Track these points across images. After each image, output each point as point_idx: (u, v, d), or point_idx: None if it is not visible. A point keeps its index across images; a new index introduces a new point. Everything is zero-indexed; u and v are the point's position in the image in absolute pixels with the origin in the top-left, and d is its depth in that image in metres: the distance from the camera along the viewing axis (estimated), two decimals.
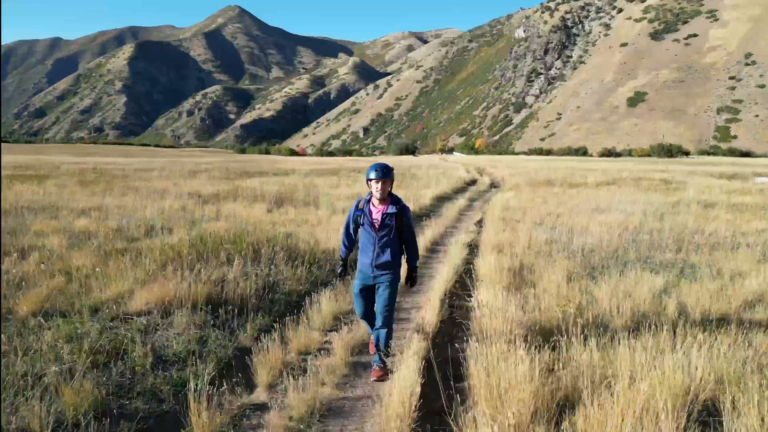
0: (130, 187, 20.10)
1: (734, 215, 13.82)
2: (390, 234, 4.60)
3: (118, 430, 3.48)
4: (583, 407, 3.18)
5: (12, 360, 3.97)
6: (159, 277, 6.28)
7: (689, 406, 3.17)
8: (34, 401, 3.43)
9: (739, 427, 2.94)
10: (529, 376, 3.39)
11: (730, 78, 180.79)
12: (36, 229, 9.85)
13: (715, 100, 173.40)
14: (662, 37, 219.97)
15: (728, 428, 2.95)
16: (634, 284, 6.28)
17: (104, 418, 3.50)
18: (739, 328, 4.73)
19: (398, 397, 3.53)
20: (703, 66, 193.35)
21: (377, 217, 4.60)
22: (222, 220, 11.42)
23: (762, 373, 3.62)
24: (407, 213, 4.71)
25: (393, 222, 4.59)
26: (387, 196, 4.62)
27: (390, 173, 4.56)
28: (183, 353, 4.63)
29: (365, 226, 4.64)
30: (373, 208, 4.65)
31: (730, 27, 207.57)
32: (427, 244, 10.23)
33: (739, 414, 3.06)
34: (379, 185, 4.52)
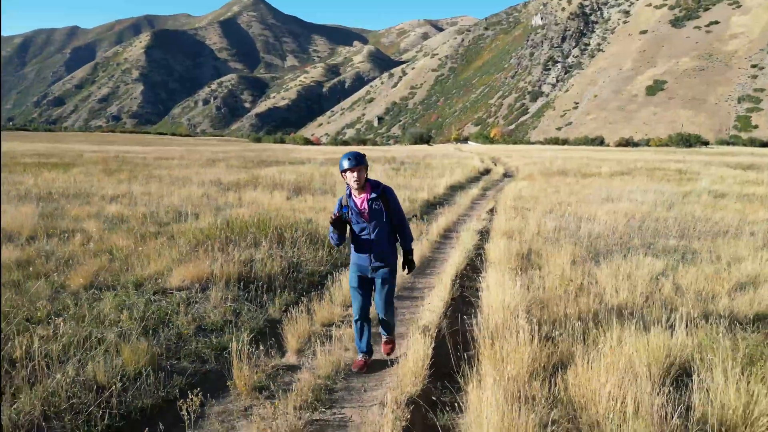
0: (153, 176, 20.76)
1: (743, 205, 14.07)
2: (382, 219, 4.51)
3: (172, 382, 4.04)
4: (574, 366, 3.65)
5: (72, 325, 4.53)
6: (193, 257, 6.84)
7: (667, 367, 3.63)
8: (98, 358, 3.99)
9: (706, 380, 3.39)
10: (528, 340, 3.86)
11: (752, 66, 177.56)
12: (73, 214, 10.47)
13: (736, 88, 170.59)
14: (683, 24, 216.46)
15: (697, 380, 3.41)
16: (635, 268, 6.70)
17: (159, 373, 4.06)
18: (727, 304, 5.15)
19: (413, 358, 4.04)
20: (724, 54, 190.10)
21: (363, 206, 4.50)
22: (245, 207, 11.98)
23: (734, 337, 4.06)
24: (391, 193, 4.60)
25: (380, 206, 4.50)
26: (365, 183, 4.50)
27: (363, 160, 4.46)
28: (220, 323, 5.19)
29: (355, 219, 4.52)
30: (356, 199, 4.53)
31: (753, 14, 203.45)
32: (440, 230, 10.71)
33: (709, 370, 3.51)
34: (355, 174, 4.40)
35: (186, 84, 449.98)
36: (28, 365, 3.78)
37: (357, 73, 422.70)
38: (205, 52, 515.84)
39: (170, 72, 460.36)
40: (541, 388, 3.36)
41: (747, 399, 3.18)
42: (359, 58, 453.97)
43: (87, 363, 3.94)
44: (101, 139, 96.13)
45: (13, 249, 7.11)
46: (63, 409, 3.44)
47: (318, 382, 4.08)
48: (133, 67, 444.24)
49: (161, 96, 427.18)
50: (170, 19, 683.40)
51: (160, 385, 3.95)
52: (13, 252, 6.94)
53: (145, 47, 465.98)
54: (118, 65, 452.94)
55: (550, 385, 3.50)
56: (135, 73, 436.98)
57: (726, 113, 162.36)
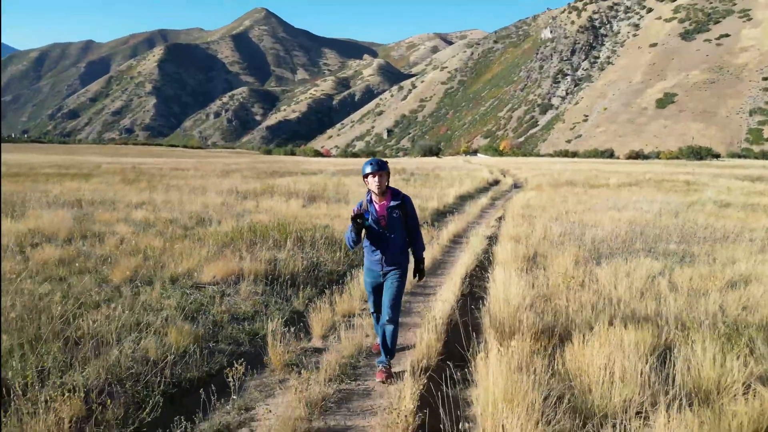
0: (171, 185, 21.42)
1: (746, 214, 14.44)
2: (398, 227, 4.59)
3: (213, 359, 4.56)
4: (571, 345, 4.12)
5: (121, 312, 5.06)
6: (221, 257, 7.37)
7: (654, 345, 4.08)
8: (150, 338, 4.51)
9: (687, 354, 3.84)
10: (530, 324, 4.34)
11: (763, 79, 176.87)
12: (102, 219, 11.06)
13: (748, 101, 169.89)
14: (693, 37, 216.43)
15: (679, 354, 3.86)
16: (634, 268, 7.14)
17: (203, 351, 4.58)
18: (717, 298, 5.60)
19: (428, 339, 4.54)
20: (735, 66, 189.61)
21: (383, 212, 4.56)
22: (263, 214, 12.53)
23: (714, 318, 4.50)
24: (410, 202, 4.72)
25: (399, 214, 4.58)
26: (386, 189, 4.60)
27: (385, 166, 4.57)
28: (250, 312, 5.71)
29: (372, 225, 4.57)
30: (376, 205, 4.60)
31: (764, 27, 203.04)
32: (450, 236, 11.19)
33: (690, 347, 3.95)
34: (377, 179, 4.50)
35: (198, 97, 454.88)
36: (90, 342, 4.31)
37: (367, 86, 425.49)
38: (217, 65, 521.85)
39: (183, 85, 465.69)
40: (541, 361, 3.83)
41: (721, 371, 3.64)
42: (369, 72, 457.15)
43: (140, 341, 4.46)
44: (114, 151, 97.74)
45: (54, 249, 7.67)
46: (124, 377, 3.95)
47: (343, 360, 4.58)
48: (146, 81, 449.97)
49: (173, 109, 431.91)
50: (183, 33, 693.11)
51: (203, 361, 4.48)
52: (56, 251, 7.51)
53: (159, 61, 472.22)
54: (131, 79, 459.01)
55: (549, 360, 3.97)
56: (148, 87, 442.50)
57: (737, 126, 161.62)
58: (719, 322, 4.69)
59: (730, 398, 3.37)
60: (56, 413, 3.24)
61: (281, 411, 3.63)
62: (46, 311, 4.82)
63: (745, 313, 5.23)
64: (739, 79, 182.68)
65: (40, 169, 32.08)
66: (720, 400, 3.35)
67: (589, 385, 3.59)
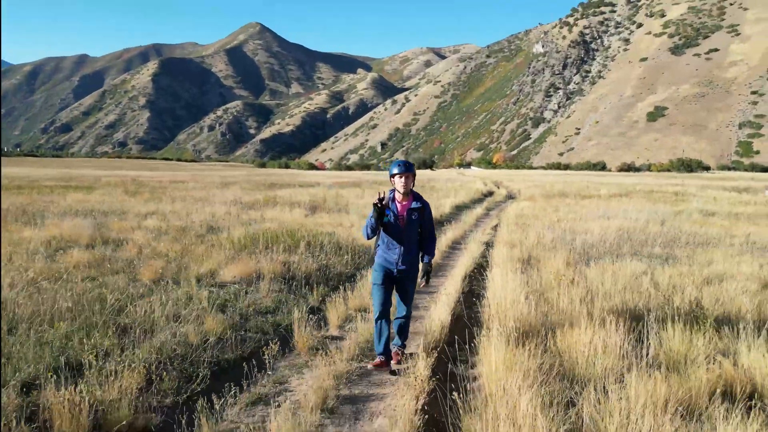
0: (173, 197, 21.94)
1: (730, 222, 15.14)
2: (414, 228, 4.84)
3: (245, 344, 5.13)
4: (561, 328, 4.72)
5: (159, 305, 5.62)
6: (238, 260, 7.95)
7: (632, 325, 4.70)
8: (188, 326, 5.08)
9: (661, 333, 4.46)
10: (525, 311, 4.94)
11: (752, 93, 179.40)
12: (116, 227, 11.60)
13: (737, 114, 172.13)
14: (682, 52, 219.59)
15: (654, 334, 4.47)
16: (620, 268, 7.77)
17: (235, 338, 5.16)
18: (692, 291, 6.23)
19: (436, 326, 5.13)
20: (724, 81, 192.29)
21: (403, 212, 4.79)
22: (270, 222, 13.10)
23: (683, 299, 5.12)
24: (428, 208, 4.97)
25: (417, 217, 4.82)
26: (410, 191, 4.86)
27: (412, 168, 4.82)
28: (272, 307, 6.28)
29: (391, 221, 4.80)
30: (398, 204, 4.84)
31: (752, 41, 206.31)
32: (448, 242, 11.80)
33: (663, 326, 4.57)
34: (403, 179, 4.75)
35: (192, 110, 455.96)
36: (138, 329, 4.89)
37: (361, 99, 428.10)
38: (211, 79, 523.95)
39: (177, 99, 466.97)
40: (535, 340, 4.42)
41: (689, 346, 4.25)
42: (363, 85, 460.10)
43: (181, 328, 5.02)
44: (109, 165, 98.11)
45: (81, 253, 8.21)
46: (171, 357, 4.51)
47: (360, 345, 5.15)
48: (140, 94, 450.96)
49: (167, 122, 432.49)
50: (178, 47, 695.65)
51: (237, 346, 5.04)
52: (83, 255, 8.05)
53: (153, 75, 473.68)
54: (125, 92, 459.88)
55: (542, 340, 4.56)
56: (142, 100, 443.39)
57: (727, 139, 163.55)
58: (692, 311, 5.31)
59: (695, 367, 3.97)
60: (124, 381, 3.80)
61: (312, 382, 4.20)
62: (92, 304, 5.38)
63: (717, 303, 5.85)
64: (728, 92, 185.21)
65: (41, 182, 32.48)
66: (686, 368, 3.95)
67: (576, 358, 4.19)
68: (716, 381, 3.69)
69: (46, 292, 5.80)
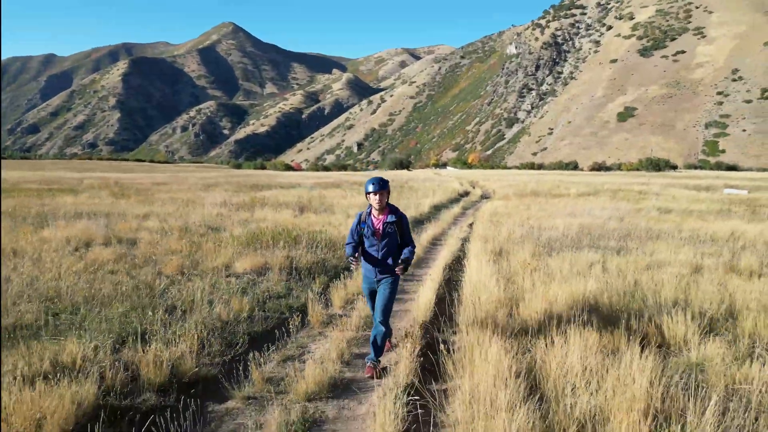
0: (162, 199, 22.70)
1: (682, 218, 16.64)
2: (391, 241, 5.09)
3: (267, 321, 6.23)
4: (524, 301, 5.93)
5: (189, 292, 6.67)
6: (245, 254, 9.00)
7: (578, 299, 5.93)
8: (220, 305, 6.16)
9: (602, 306, 5.71)
10: (493, 286, 6.14)
11: (717, 93, 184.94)
12: (122, 228, 12.49)
13: (704, 115, 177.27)
14: (651, 54, 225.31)
15: (595, 303, 5.71)
16: (577, 258, 9.04)
17: (261, 315, 6.26)
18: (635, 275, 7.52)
19: (423, 304, 6.29)
20: (691, 82, 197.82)
21: (379, 226, 5.05)
22: (263, 222, 14.10)
23: (625, 280, 6.38)
24: (405, 220, 5.21)
25: (394, 229, 5.07)
26: (385, 206, 5.10)
27: (386, 185, 5.03)
28: (283, 293, 7.38)
29: (368, 236, 5.08)
30: (374, 219, 5.09)
31: (717, 44, 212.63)
32: (429, 239, 12.97)
33: (605, 300, 5.82)
34: (377, 197, 4.97)
35: (164, 111, 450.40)
36: (180, 309, 5.96)
37: (336, 100, 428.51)
38: (183, 79, 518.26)
39: (148, 98, 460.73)
40: (503, 310, 5.61)
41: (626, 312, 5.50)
42: (338, 86, 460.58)
43: (215, 308, 6.11)
44: (81, 167, 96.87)
45: (101, 250, 9.17)
46: (213, 329, 5.59)
47: (363, 320, 6.29)
48: (110, 95, 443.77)
49: (138, 123, 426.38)
50: (148, 47, 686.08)
51: (263, 321, 6.15)
52: (105, 252, 9.01)
53: (123, 74, 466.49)
54: (95, 92, 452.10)
55: (508, 310, 5.76)
56: (112, 101, 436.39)
57: (694, 138, 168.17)
58: (630, 289, 6.59)
59: (621, 324, 5.21)
60: (183, 345, 4.88)
61: (329, 345, 5.34)
62: (136, 291, 6.43)
63: (652, 283, 7.14)
64: (695, 93, 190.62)
65: (23, 185, 32.71)
66: (614, 325, 5.20)
67: (533, 321, 5.40)
68: (636, 335, 4.92)
69: (91, 281, 6.81)
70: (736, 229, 13.42)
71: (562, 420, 3.40)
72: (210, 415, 4.11)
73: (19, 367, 4.09)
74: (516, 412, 3.33)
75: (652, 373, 3.74)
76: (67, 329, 5.21)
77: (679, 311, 5.37)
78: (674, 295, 6.33)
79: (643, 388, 3.55)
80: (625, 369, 3.90)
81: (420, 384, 4.22)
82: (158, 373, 4.38)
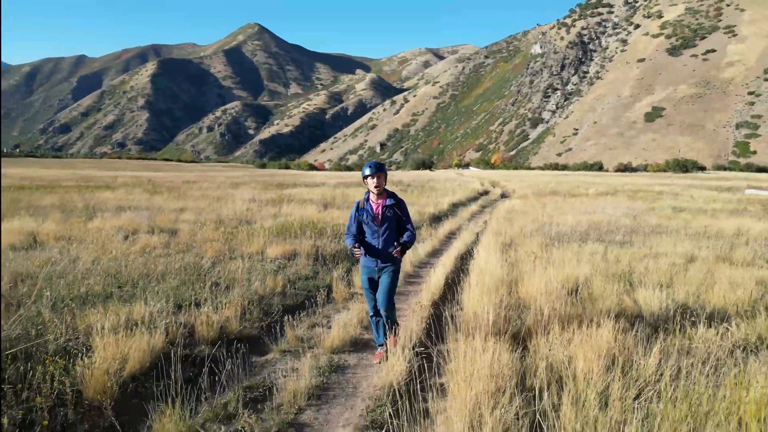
0: (193, 195, 23.91)
1: (693, 216, 17.13)
2: (391, 226, 5.07)
3: (298, 296, 7.14)
4: (522, 282, 6.72)
5: (230, 271, 7.62)
6: (275, 243, 9.94)
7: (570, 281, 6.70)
8: (256, 282, 7.09)
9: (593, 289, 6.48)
10: (498, 270, 6.94)
11: (748, 93, 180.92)
12: (161, 220, 13.57)
13: (734, 115, 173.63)
14: (680, 53, 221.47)
15: (585, 285, 6.48)
16: (582, 249, 9.77)
17: (291, 292, 7.17)
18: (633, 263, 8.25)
19: (433, 283, 7.13)
20: (721, 81, 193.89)
21: (378, 211, 5.03)
22: (290, 216, 15.07)
23: (619, 267, 7.14)
24: (404, 204, 5.21)
25: (392, 213, 5.03)
26: (383, 190, 5.08)
27: (383, 168, 5.04)
28: (310, 275, 8.31)
29: (368, 221, 5.04)
30: (372, 204, 5.08)
31: (749, 42, 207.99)
32: (445, 233, 13.80)
33: (591, 282, 6.58)
34: (375, 180, 4.96)
35: (191, 111, 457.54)
36: (223, 284, 6.92)
37: (359, 100, 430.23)
38: (210, 80, 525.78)
39: (175, 99, 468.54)
40: (504, 289, 6.42)
41: (604, 288, 6.27)
42: (362, 86, 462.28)
43: (252, 285, 7.04)
44: (111, 165, 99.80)
45: (147, 237, 10.21)
46: (250, 301, 6.51)
47: None
48: (138, 95, 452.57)
49: (166, 123, 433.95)
50: (176, 48, 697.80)
51: (293, 297, 7.07)
52: (151, 239, 10.05)
53: (151, 75, 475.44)
54: (124, 93, 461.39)
55: (509, 289, 6.57)
56: (141, 101, 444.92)
57: (724, 139, 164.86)
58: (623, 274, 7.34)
59: (604, 299, 5.98)
60: (228, 311, 5.81)
61: (351, 315, 6.24)
62: (184, 270, 7.40)
63: (644, 270, 7.87)
64: (725, 93, 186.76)
65: (62, 182, 34.37)
66: (598, 300, 5.97)
67: (532, 299, 6.20)
68: (615, 307, 5.70)
69: (144, 262, 7.82)
70: (742, 226, 13.94)
71: (536, 362, 4.23)
72: (253, 363, 5.04)
73: (100, 321, 5.05)
74: (499, 354, 4.16)
75: (615, 331, 4.53)
76: (131, 297, 6.18)
77: (657, 290, 6.13)
78: (660, 278, 7.06)
79: (604, 339, 4.34)
80: (595, 330, 4.68)
81: (427, 342, 5.08)
82: (210, 330, 5.32)
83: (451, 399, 3.81)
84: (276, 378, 4.62)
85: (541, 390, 3.59)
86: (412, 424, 3.38)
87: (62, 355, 4.31)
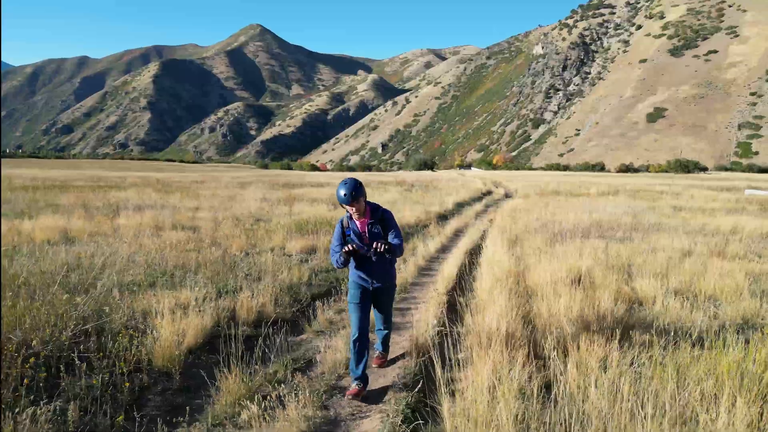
0: (204, 195, 24.51)
1: (692, 215, 17.71)
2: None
3: (321, 287, 7.73)
4: (530, 272, 7.31)
5: (258, 263, 8.21)
6: (294, 238, 10.54)
7: (573, 272, 7.29)
8: (283, 274, 7.69)
9: (595, 279, 7.06)
10: (507, 262, 7.53)
11: (750, 94, 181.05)
12: (180, 218, 14.17)
13: (736, 115, 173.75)
14: (682, 53, 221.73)
15: (587, 274, 7.07)
16: (584, 244, 10.35)
17: (315, 281, 7.78)
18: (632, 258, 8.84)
19: (446, 274, 7.72)
20: (723, 82, 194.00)
21: (363, 229, 4.65)
22: (303, 214, 15.68)
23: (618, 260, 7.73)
24: (388, 215, 4.79)
25: (379, 229, 4.67)
26: (365, 210, 4.65)
27: (359, 193, 4.53)
28: (330, 268, 8.89)
29: (355, 240, 4.64)
30: (357, 222, 4.68)
31: (751, 43, 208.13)
32: (452, 230, 14.39)
33: (592, 272, 7.17)
34: (353, 209, 4.57)
35: (193, 112, 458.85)
36: (253, 275, 7.53)
37: (361, 101, 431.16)
38: (212, 80, 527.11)
39: (177, 100, 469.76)
40: (513, 278, 7.00)
41: (604, 277, 6.86)
42: (363, 87, 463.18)
43: (279, 276, 7.65)
44: (115, 166, 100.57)
45: (171, 233, 10.81)
46: (281, 289, 7.11)
47: (401, 282, 7.75)
48: (141, 96, 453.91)
49: (168, 123, 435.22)
50: (179, 49, 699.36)
51: (317, 286, 7.67)
52: (177, 235, 10.66)
53: (154, 76, 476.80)
54: (126, 94, 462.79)
55: (516, 278, 7.16)
56: (143, 102, 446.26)
57: (726, 140, 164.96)
58: (622, 266, 7.93)
59: (604, 288, 6.57)
60: (262, 298, 6.42)
61: None
62: (216, 262, 8.00)
63: (642, 262, 8.45)
64: (727, 94, 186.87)
65: (73, 182, 34.99)
66: (599, 288, 6.56)
67: (539, 288, 6.79)
68: (615, 294, 6.29)
69: (176, 256, 8.42)
70: (739, 223, 14.51)
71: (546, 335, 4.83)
72: (291, 342, 5.66)
73: (155, 304, 5.67)
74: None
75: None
76: (173, 286, 6.78)
77: (653, 279, 6.72)
78: (656, 270, 7.66)
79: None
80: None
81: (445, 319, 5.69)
82: (249, 314, 5.94)
83: (476, 358, 4.40)
84: (314, 353, 5.24)
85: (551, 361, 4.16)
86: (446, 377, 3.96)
87: (128, 332, 4.93)
